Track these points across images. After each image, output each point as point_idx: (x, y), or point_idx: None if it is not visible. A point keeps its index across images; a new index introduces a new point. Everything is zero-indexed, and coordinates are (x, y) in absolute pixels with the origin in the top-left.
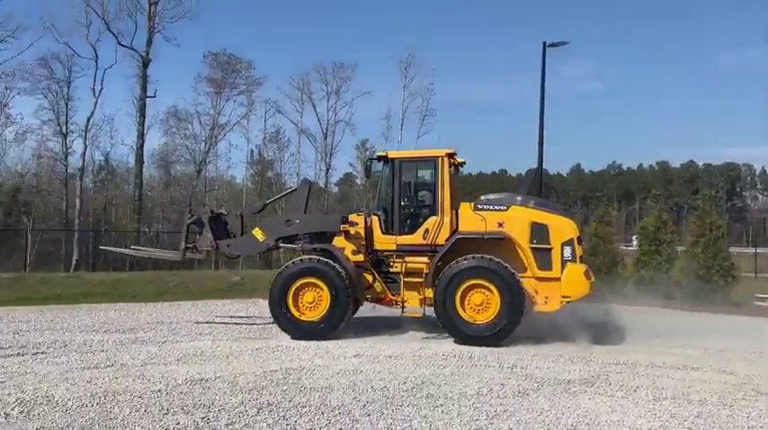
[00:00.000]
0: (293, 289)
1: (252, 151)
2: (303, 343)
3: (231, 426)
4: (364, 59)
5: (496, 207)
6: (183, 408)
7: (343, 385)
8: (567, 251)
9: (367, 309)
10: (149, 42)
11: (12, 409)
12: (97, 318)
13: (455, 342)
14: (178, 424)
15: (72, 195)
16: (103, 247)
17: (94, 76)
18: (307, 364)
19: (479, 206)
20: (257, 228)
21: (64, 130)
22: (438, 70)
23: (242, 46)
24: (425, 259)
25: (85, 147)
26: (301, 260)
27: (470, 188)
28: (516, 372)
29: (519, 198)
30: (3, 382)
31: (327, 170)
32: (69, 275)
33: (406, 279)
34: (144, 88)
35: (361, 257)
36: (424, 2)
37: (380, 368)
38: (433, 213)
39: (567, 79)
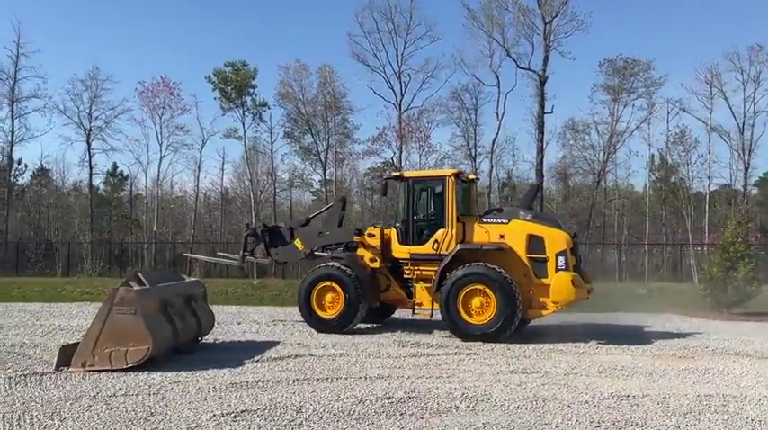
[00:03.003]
0: (316, 291)
1: (653, 156)
2: (740, 369)
3: None
4: None
5: (499, 220)
6: (614, 423)
7: None
8: (561, 261)
9: None
10: (545, 61)
11: (459, 403)
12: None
13: None
14: None
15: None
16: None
17: (497, 101)
18: (748, 393)
19: (485, 219)
20: (297, 239)
21: (473, 153)
22: None
23: (639, 47)
24: (435, 267)
25: (491, 167)
26: (321, 267)
27: None
28: None
29: (521, 212)
30: (449, 377)
31: (746, 170)
32: None
33: (418, 284)
34: (542, 105)
35: (377, 264)
36: None
37: None
38: (442, 226)
39: None
